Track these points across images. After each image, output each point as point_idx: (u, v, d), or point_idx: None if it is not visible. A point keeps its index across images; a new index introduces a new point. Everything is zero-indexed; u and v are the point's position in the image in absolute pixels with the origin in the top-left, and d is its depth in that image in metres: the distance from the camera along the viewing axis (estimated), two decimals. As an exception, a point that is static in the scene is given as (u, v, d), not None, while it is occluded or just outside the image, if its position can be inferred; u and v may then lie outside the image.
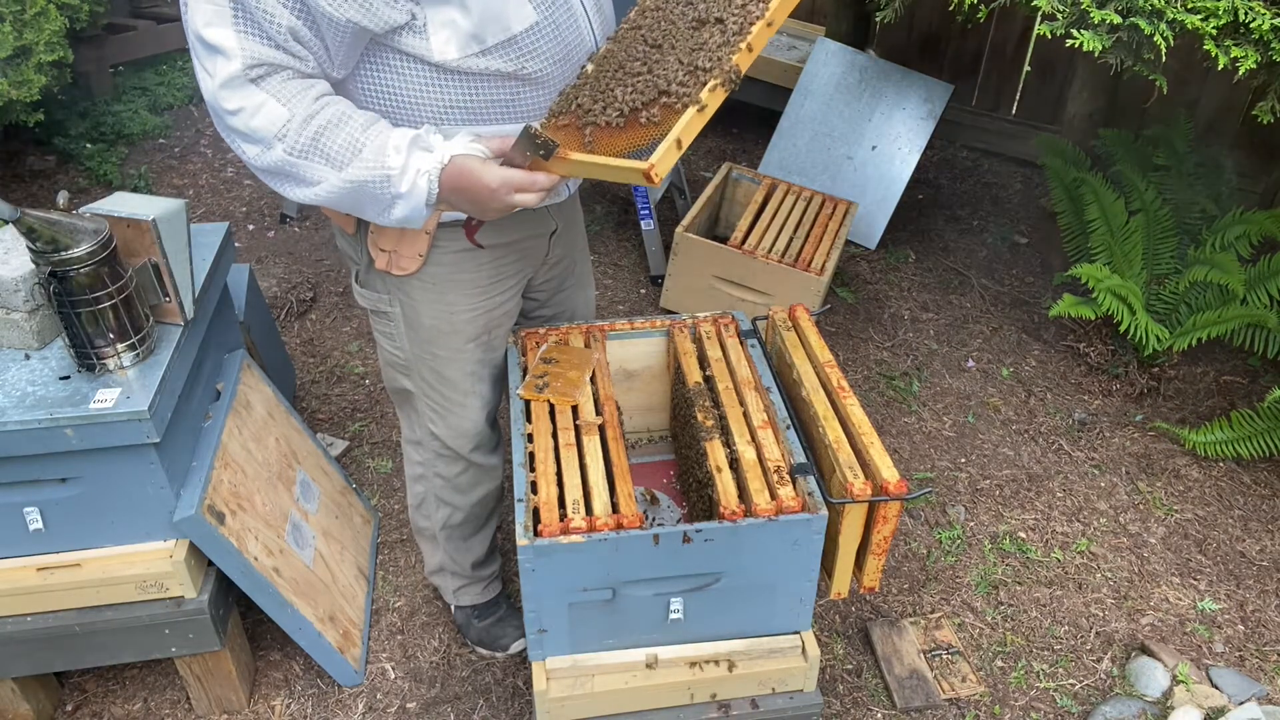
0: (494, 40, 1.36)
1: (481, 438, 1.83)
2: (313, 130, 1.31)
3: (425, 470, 1.90)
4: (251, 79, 1.28)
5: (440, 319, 1.64)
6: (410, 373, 1.74)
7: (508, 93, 1.42)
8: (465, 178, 1.35)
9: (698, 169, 4.23)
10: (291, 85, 1.31)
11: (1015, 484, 2.63)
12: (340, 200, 1.37)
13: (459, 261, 1.59)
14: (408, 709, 2.03)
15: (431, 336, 1.67)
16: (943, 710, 2.03)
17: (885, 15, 2.82)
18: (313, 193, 1.36)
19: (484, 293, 1.65)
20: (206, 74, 1.29)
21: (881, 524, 1.48)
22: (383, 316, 1.68)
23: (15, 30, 3.23)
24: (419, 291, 1.61)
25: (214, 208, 3.85)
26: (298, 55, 1.30)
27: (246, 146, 1.34)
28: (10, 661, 1.79)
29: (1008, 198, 4.09)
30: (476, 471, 1.87)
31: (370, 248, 1.58)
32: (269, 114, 1.30)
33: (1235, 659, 2.16)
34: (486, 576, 2.09)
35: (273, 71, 1.29)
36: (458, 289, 1.62)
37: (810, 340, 1.76)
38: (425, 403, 1.77)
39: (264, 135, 1.31)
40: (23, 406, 1.55)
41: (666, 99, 1.33)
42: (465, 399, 1.75)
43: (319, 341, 3.10)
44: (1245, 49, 2.07)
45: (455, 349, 1.69)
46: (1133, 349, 2.98)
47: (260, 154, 1.33)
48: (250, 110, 1.29)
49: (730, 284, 3.04)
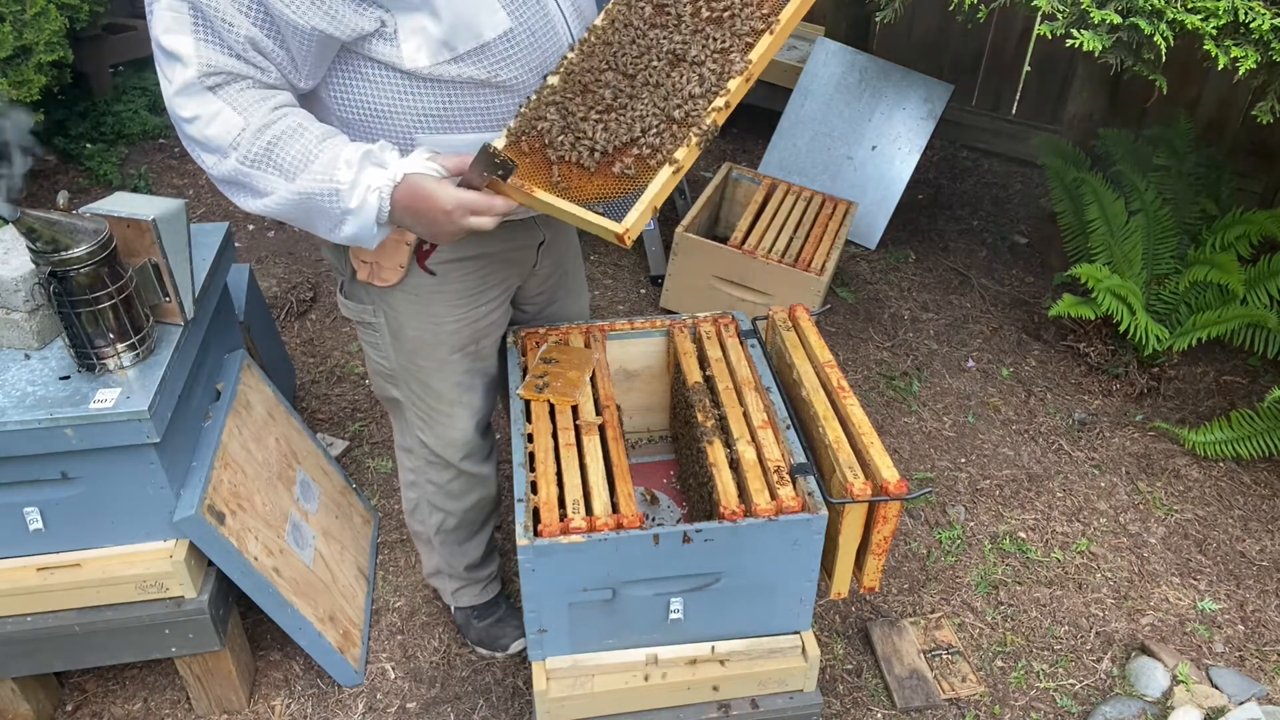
0: (465, 48, 1.34)
1: (471, 447, 1.82)
2: (266, 140, 1.29)
3: (417, 477, 1.89)
4: (208, 86, 1.27)
5: (425, 330, 1.63)
6: (398, 383, 1.73)
7: (482, 101, 1.40)
8: (418, 198, 1.32)
9: (698, 169, 4.23)
10: (249, 95, 1.29)
11: (1015, 484, 2.63)
12: (291, 213, 1.35)
13: (443, 272, 1.57)
14: (408, 709, 2.03)
15: (416, 347, 1.65)
16: (943, 710, 2.03)
17: (885, 15, 2.82)
18: (263, 204, 1.34)
19: (469, 303, 1.63)
20: (166, 80, 1.29)
21: (881, 524, 1.48)
22: (368, 327, 1.67)
23: (15, 30, 3.23)
24: (402, 303, 1.59)
25: (214, 208, 3.85)
26: (257, 65, 1.28)
27: (204, 155, 1.32)
28: (10, 661, 1.79)
29: (1008, 198, 4.09)
30: (468, 479, 1.87)
31: (352, 258, 1.56)
32: (224, 122, 1.28)
33: (1235, 659, 2.16)
34: (484, 578, 2.09)
35: (230, 80, 1.28)
36: (442, 300, 1.60)
37: (810, 340, 1.76)
38: (413, 412, 1.77)
39: (219, 144, 1.29)
40: (23, 406, 1.55)
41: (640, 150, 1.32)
42: (452, 409, 1.74)
43: (319, 341, 3.11)
44: (1245, 49, 2.08)
45: (441, 360, 1.67)
46: (1133, 349, 2.98)
47: (217, 163, 1.31)
48: (205, 118, 1.28)
49: (730, 284, 3.04)
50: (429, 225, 1.35)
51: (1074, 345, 3.10)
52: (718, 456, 1.57)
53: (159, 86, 1.32)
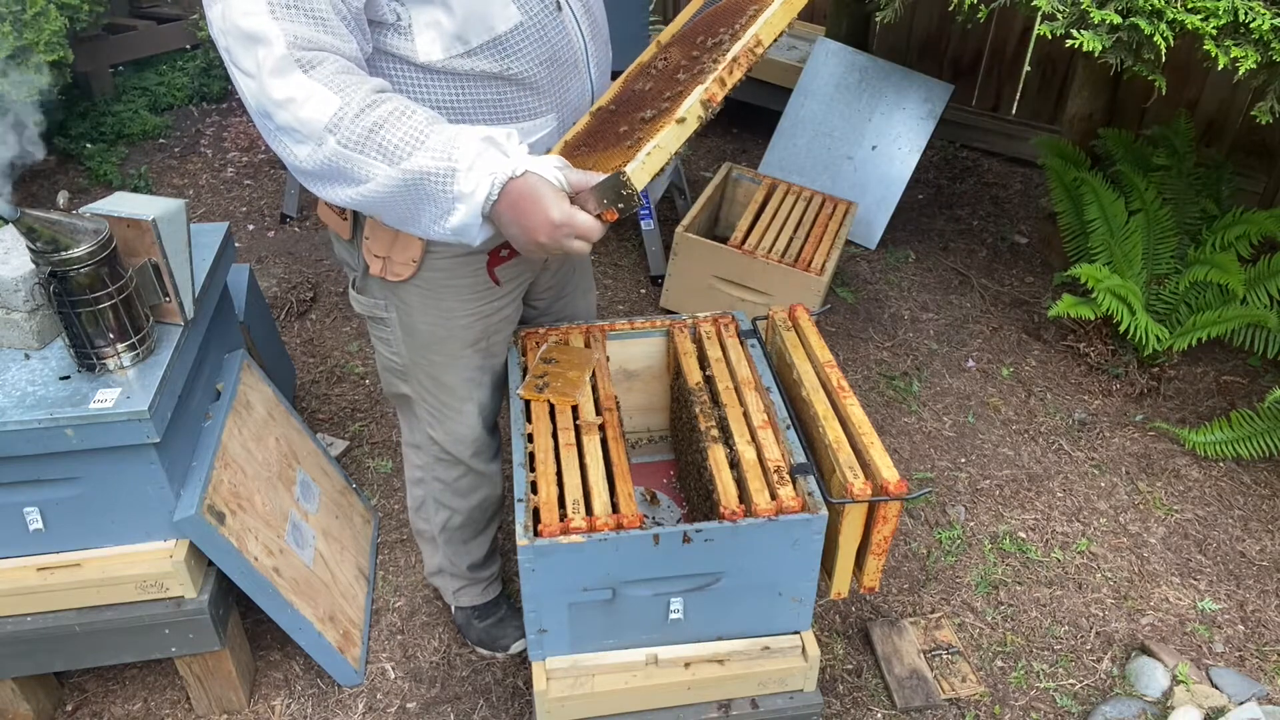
0: (478, 41, 1.34)
1: (480, 444, 1.82)
2: (370, 122, 1.21)
3: (424, 474, 1.89)
4: (300, 63, 1.19)
5: (437, 325, 1.63)
6: (408, 378, 1.73)
7: (494, 93, 1.41)
8: (530, 199, 1.23)
9: (698, 169, 4.23)
10: (344, 77, 1.22)
11: (1015, 484, 2.63)
12: (391, 202, 1.25)
13: (455, 267, 1.56)
14: (408, 709, 2.03)
15: (428, 342, 1.65)
16: (943, 710, 2.03)
17: (885, 15, 2.82)
18: (359, 192, 1.25)
19: (481, 298, 1.63)
20: (248, 73, 1.20)
21: (881, 524, 1.48)
22: (379, 323, 1.67)
23: (15, 30, 3.23)
24: (415, 297, 1.59)
25: (214, 208, 3.85)
26: (338, 34, 1.22)
27: (296, 148, 1.23)
28: (10, 661, 1.79)
29: (1008, 198, 4.09)
30: (476, 477, 1.87)
31: (365, 253, 1.56)
32: (320, 103, 1.19)
33: (1235, 659, 2.16)
34: (486, 578, 2.09)
35: (320, 57, 1.21)
36: (454, 294, 1.60)
37: (810, 340, 1.76)
38: (423, 408, 1.77)
39: (314, 127, 1.20)
40: (23, 406, 1.55)
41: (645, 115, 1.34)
42: (463, 405, 1.75)
43: (319, 341, 3.10)
44: (1245, 49, 2.08)
45: (453, 355, 1.67)
46: (1133, 349, 2.98)
47: (311, 152, 1.22)
48: (300, 100, 1.19)
49: (730, 284, 3.04)
50: (526, 232, 1.26)
51: (1074, 345, 3.10)
52: (718, 456, 1.57)
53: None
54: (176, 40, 4.45)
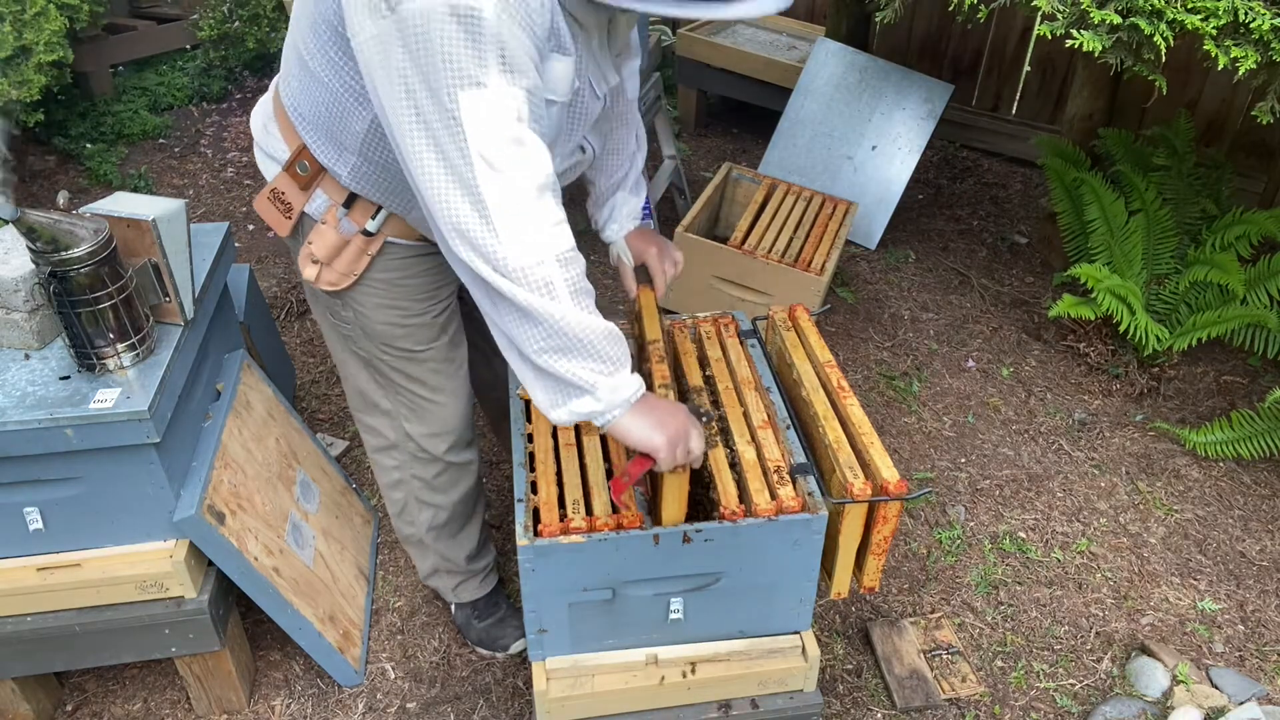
0: None
1: (457, 435, 1.82)
2: (575, 271, 1.23)
3: (402, 474, 1.87)
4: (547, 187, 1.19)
5: (394, 322, 1.63)
6: (378, 378, 1.73)
7: None
8: (656, 406, 1.36)
9: (698, 169, 4.23)
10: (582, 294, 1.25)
11: (1015, 484, 2.63)
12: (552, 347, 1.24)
13: (406, 266, 1.57)
14: (408, 709, 2.03)
15: (389, 340, 1.65)
16: (943, 710, 2.03)
17: (885, 15, 2.82)
18: (532, 334, 1.24)
19: (434, 295, 1.63)
20: (518, 179, 1.17)
21: (881, 524, 1.48)
22: (340, 320, 1.67)
23: (15, 30, 3.23)
24: (368, 297, 1.59)
25: (214, 208, 3.85)
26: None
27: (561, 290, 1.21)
28: (10, 661, 1.79)
29: (1008, 198, 4.09)
30: (455, 471, 1.87)
31: (301, 261, 1.55)
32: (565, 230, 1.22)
33: (1235, 659, 2.16)
34: (482, 569, 2.09)
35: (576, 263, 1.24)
36: (408, 294, 1.60)
37: (810, 340, 1.76)
38: (398, 401, 1.76)
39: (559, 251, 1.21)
40: (23, 406, 1.55)
41: None
42: (435, 395, 1.75)
43: (319, 341, 3.10)
44: (1245, 49, 2.07)
45: (416, 349, 1.68)
46: (1133, 349, 2.99)
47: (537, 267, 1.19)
48: (559, 218, 1.20)
49: (730, 284, 3.04)
50: (661, 426, 1.34)
51: (1074, 345, 3.10)
52: (718, 456, 1.57)
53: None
54: (176, 40, 4.45)
